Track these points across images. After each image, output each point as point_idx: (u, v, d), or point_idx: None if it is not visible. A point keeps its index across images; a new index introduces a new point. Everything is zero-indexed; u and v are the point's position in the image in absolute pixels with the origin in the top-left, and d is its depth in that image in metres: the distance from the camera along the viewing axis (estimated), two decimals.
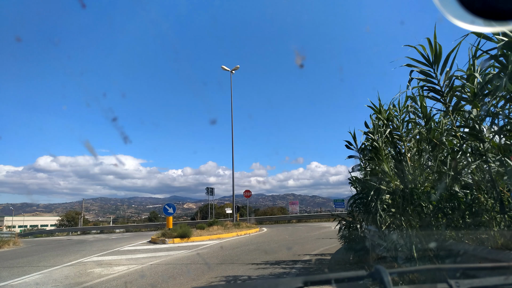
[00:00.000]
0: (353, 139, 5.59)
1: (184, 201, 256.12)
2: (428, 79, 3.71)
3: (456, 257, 2.94)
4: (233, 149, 21.37)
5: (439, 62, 3.57)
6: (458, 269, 1.22)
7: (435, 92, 3.73)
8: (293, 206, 32.24)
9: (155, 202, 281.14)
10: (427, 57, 3.63)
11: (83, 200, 59.15)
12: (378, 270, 0.83)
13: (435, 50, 3.53)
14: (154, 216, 60.99)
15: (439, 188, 3.62)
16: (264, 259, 7.32)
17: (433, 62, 3.60)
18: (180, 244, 11.65)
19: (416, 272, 2.63)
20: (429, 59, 3.61)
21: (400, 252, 3.76)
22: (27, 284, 5.82)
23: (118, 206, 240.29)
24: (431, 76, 3.69)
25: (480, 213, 3.28)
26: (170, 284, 5.19)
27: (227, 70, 22.24)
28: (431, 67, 3.65)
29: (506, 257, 2.40)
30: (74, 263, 8.16)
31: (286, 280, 0.83)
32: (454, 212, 3.52)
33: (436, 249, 3.29)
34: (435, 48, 3.52)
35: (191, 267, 6.65)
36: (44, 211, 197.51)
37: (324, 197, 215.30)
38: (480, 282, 0.87)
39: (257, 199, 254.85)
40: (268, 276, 5.39)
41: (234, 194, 21.70)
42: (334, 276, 0.84)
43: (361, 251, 5.71)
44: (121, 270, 6.65)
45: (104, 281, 5.62)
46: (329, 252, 7.90)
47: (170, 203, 15.73)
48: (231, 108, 21.20)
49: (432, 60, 3.60)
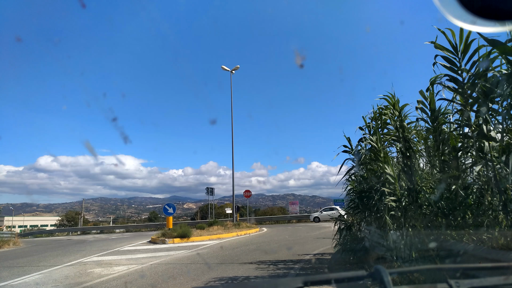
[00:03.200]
0: (348, 141, 5.74)
1: (184, 201, 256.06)
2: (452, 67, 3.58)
3: (456, 257, 2.94)
4: (233, 149, 21.40)
5: (467, 51, 3.45)
6: (458, 269, 1.22)
7: (456, 83, 3.61)
8: (293, 206, 32.24)
9: (155, 202, 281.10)
10: (454, 45, 3.50)
11: (83, 200, 59.19)
12: (378, 270, 0.83)
13: (467, 39, 3.43)
14: (154, 216, 61.00)
15: (442, 187, 3.61)
16: (264, 259, 7.32)
17: (461, 50, 3.48)
18: (180, 244, 11.65)
19: (416, 272, 2.63)
20: (457, 47, 3.49)
21: (400, 252, 3.76)
22: (27, 284, 5.82)
23: (118, 206, 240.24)
24: (455, 65, 3.56)
25: (483, 213, 3.27)
26: (170, 284, 5.19)
27: (227, 70, 22.24)
28: (457, 55, 3.52)
29: (506, 257, 2.40)
30: (74, 263, 8.16)
31: (286, 280, 0.83)
32: (456, 212, 3.51)
33: (436, 249, 3.29)
34: (467, 37, 3.43)
35: (191, 267, 6.65)
36: (44, 211, 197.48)
37: (324, 197, 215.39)
38: (480, 282, 0.87)
39: (257, 199, 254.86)
40: (268, 276, 5.39)
41: (234, 194, 21.70)
42: (334, 276, 0.84)
43: (360, 251, 5.71)
44: (121, 270, 6.65)
45: (104, 281, 5.62)
46: (329, 252, 7.90)
47: (170, 203, 15.73)
48: (231, 108, 21.23)
49: (459, 48, 3.47)
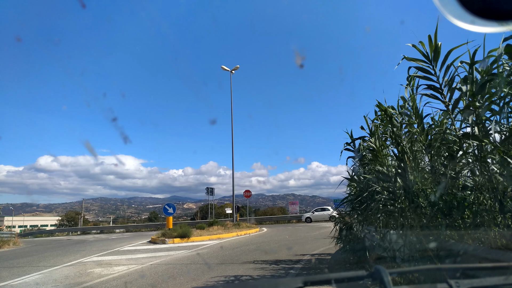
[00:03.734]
0: (351, 139, 5.68)
1: (184, 201, 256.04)
2: (427, 76, 3.69)
3: (456, 257, 2.94)
4: (233, 149, 21.41)
5: (438, 58, 3.55)
6: (458, 269, 1.22)
7: (434, 90, 3.70)
8: (293, 206, 32.25)
9: (155, 202, 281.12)
10: (426, 54, 3.61)
11: (83, 200, 59.17)
12: (378, 270, 0.83)
13: (435, 46, 3.51)
14: (154, 216, 61.03)
15: (438, 188, 3.61)
16: (264, 259, 7.32)
17: (432, 58, 3.58)
18: (180, 244, 11.65)
19: (416, 272, 2.62)
20: (428, 55, 3.60)
21: (400, 252, 3.76)
22: (27, 284, 5.82)
23: (118, 206, 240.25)
24: (429, 73, 3.66)
25: (480, 213, 3.27)
26: (170, 284, 5.19)
27: (227, 70, 22.25)
28: (430, 63, 3.62)
29: (506, 257, 2.40)
30: (74, 263, 8.16)
31: (286, 280, 0.83)
32: (453, 213, 3.51)
33: (436, 249, 3.29)
34: (435, 44, 3.51)
35: (191, 267, 6.65)
36: (44, 211, 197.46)
37: (324, 197, 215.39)
38: (480, 282, 0.87)
39: (257, 199, 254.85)
40: (268, 276, 5.39)
41: (234, 194, 21.71)
42: (334, 276, 0.84)
43: (360, 251, 5.71)
44: (121, 270, 6.65)
45: (104, 281, 5.62)
46: (329, 252, 7.90)
47: (170, 203, 15.73)
48: (231, 108, 21.24)
49: (431, 56, 3.58)
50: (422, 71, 3.72)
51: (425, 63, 3.66)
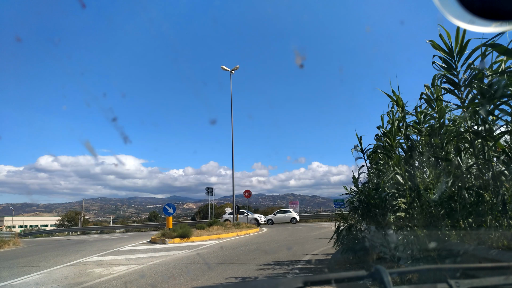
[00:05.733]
0: (359, 141, 5.78)
1: (184, 201, 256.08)
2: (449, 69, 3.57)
3: (456, 257, 2.94)
4: (233, 149, 21.42)
5: (463, 53, 3.43)
6: (458, 269, 1.22)
7: (453, 85, 3.61)
8: (293, 206, 32.25)
9: (155, 202, 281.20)
10: (450, 47, 3.49)
11: (83, 200, 59.20)
12: (378, 270, 0.83)
13: (462, 41, 3.40)
14: (154, 216, 61.01)
15: (443, 187, 3.60)
16: (264, 259, 7.32)
17: (457, 52, 3.45)
18: (180, 244, 11.65)
19: (416, 272, 2.62)
20: (452, 48, 3.47)
21: (401, 252, 3.75)
22: (27, 284, 5.82)
23: (118, 206, 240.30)
24: (451, 67, 3.55)
25: (484, 213, 3.26)
26: (170, 284, 5.19)
27: (227, 70, 22.25)
28: (453, 57, 3.51)
29: (506, 257, 2.40)
30: (74, 263, 8.16)
31: (286, 280, 0.83)
32: (458, 212, 3.50)
33: (436, 249, 3.29)
34: (462, 38, 3.40)
35: (191, 267, 6.65)
36: (44, 211, 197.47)
37: (324, 197, 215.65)
38: (480, 282, 0.87)
39: (257, 199, 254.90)
40: (268, 276, 5.39)
41: (234, 194, 21.71)
42: (334, 276, 0.84)
43: (360, 251, 5.71)
44: (121, 270, 6.65)
45: (104, 281, 5.62)
46: (329, 252, 7.90)
47: (170, 203, 15.74)
48: (231, 108, 21.24)
49: (456, 50, 3.45)
50: (445, 63, 3.59)
51: (448, 55, 3.53)
